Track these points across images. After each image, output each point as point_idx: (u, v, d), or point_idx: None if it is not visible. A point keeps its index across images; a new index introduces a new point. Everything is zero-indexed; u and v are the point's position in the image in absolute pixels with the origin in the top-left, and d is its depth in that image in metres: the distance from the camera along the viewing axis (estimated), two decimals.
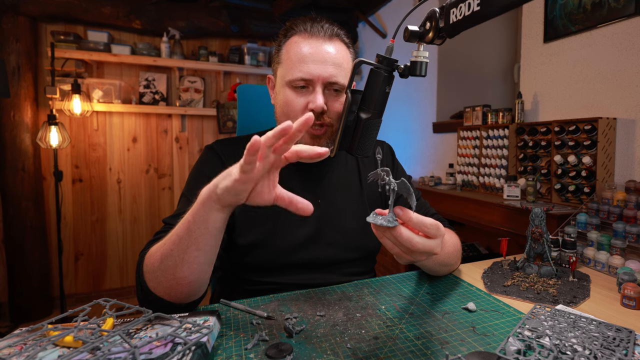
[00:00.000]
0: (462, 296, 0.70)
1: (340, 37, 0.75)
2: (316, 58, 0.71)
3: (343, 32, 0.76)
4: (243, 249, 0.75)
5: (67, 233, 2.52)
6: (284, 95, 0.74)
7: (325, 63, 0.71)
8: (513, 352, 0.46)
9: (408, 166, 2.55)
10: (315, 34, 0.73)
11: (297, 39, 0.73)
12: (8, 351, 0.45)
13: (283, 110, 0.75)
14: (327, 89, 0.73)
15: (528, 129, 1.54)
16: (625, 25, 1.27)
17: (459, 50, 2.29)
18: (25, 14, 2.23)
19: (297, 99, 0.72)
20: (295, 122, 0.45)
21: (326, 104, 0.72)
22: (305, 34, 0.73)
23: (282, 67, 0.75)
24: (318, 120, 0.72)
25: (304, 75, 0.71)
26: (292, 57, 0.72)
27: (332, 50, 0.72)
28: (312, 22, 0.74)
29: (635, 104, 1.25)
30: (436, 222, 0.51)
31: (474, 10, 0.48)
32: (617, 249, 0.87)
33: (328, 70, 0.71)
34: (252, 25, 2.81)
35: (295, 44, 0.73)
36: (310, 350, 0.51)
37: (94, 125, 2.57)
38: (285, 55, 0.74)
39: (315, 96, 0.71)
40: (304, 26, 0.74)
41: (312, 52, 0.71)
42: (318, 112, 0.71)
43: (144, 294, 0.59)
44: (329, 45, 0.73)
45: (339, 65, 0.72)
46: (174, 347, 0.45)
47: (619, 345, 0.50)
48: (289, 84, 0.73)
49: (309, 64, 0.71)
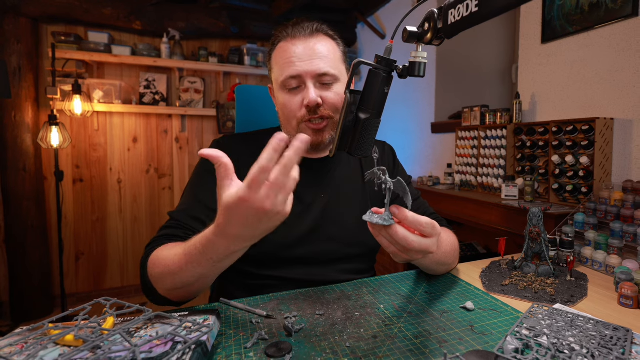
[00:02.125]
0: (461, 295, 0.70)
1: (322, 31, 0.78)
2: (301, 56, 0.74)
3: (325, 26, 0.79)
4: None
5: (67, 233, 2.53)
6: (281, 99, 0.77)
7: (311, 58, 0.74)
8: (511, 350, 0.47)
9: (407, 166, 2.55)
10: (297, 35, 0.76)
11: (282, 44, 0.77)
12: (9, 350, 0.45)
13: (283, 113, 0.78)
14: (318, 82, 0.75)
15: (526, 129, 1.54)
16: (623, 26, 1.27)
17: (457, 51, 2.29)
18: (26, 15, 2.24)
19: (292, 99, 0.75)
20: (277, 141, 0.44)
21: (320, 97, 0.74)
22: (288, 38, 0.76)
23: (274, 73, 0.79)
24: (316, 114, 0.74)
25: (292, 73, 0.73)
26: (280, 61, 0.76)
27: (316, 45, 0.75)
28: (293, 25, 0.77)
29: (632, 104, 1.25)
30: (432, 221, 0.51)
31: (472, 11, 0.48)
32: (615, 249, 0.87)
33: (315, 64, 0.73)
34: (252, 26, 2.82)
35: (281, 49, 0.77)
36: (310, 349, 0.52)
37: (94, 126, 2.58)
38: (274, 62, 0.78)
39: (307, 92, 0.73)
40: (286, 31, 0.77)
41: (297, 51, 0.74)
42: (313, 107, 0.73)
43: (148, 289, 0.63)
44: (312, 42, 0.75)
45: (324, 57, 0.74)
46: (174, 346, 0.46)
47: (616, 344, 0.50)
48: (282, 86, 0.76)
49: (296, 62, 0.74)
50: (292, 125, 0.77)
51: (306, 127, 0.76)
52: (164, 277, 0.59)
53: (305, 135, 0.45)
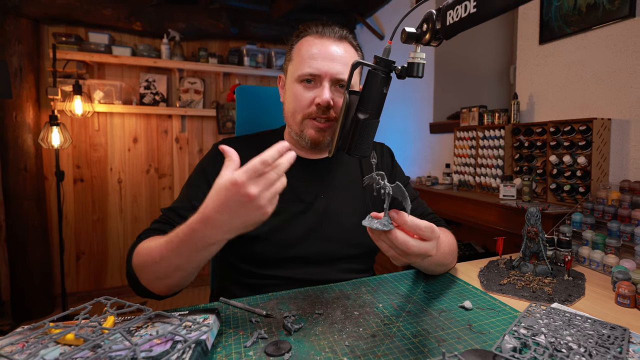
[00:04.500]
0: (459, 294, 0.71)
1: (348, 39, 0.80)
2: (325, 56, 0.75)
3: (352, 36, 0.82)
4: (244, 240, 0.76)
5: (68, 232, 2.53)
6: (294, 90, 0.78)
7: (333, 61, 0.75)
8: (509, 349, 0.47)
9: (405, 166, 2.56)
10: (327, 35, 0.77)
11: (309, 39, 0.78)
12: (10, 349, 0.45)
13: (292, 105, 0.79)
14: (334, 85, 0.76)
15: (524, 129, 1.55)
16: (620, 27, 1.27)
17: (455, 52, 2.30)
18: (27, 16, 2.24)
19: (306, 93, 0.77)
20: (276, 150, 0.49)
21: (332, 99, 0.75)
22: (316, 35, 0.78)
23: (293, 64, 0.80)
24: (324, 114, 0.76)
25: (312, 71, 0.75)
26: (303, 55, 0.77)
27: (341, 50, 0.77)
28: (323, 25, 0.79)
29: (629, 104, 1.26)
30: (430, 225, 0.52)
31: (471, 12, 0.48)
32: (612, 248, 0.88)
33: (336, 67, 0.75)
34: (252, 27, 2.82)
35: (306, 42, 0.78)
36: (309, 347, 0.52)
37: (95, 126, 2.58)
38: (296, 53, 0.79)
39: (322, 91, 0.75)
40: (316, 28, 0.79)
41: (322, 50, 0.76)
42: (324, 106, 0.75)
43: (131, 278, 0.65)
44: (337, 46, 0.77)
45: (346, 64, 0.76)
46: (174, 345, 0.46)
47: (613, 343, 0.50)
48: (298, 79, 0.77)
49: (318, 60, 0.75)
50: (297, 119, 0.78)
51: (310, 123, 0.77)
52: (145, 267, 0.61)
53: (294, 154, 0.50)
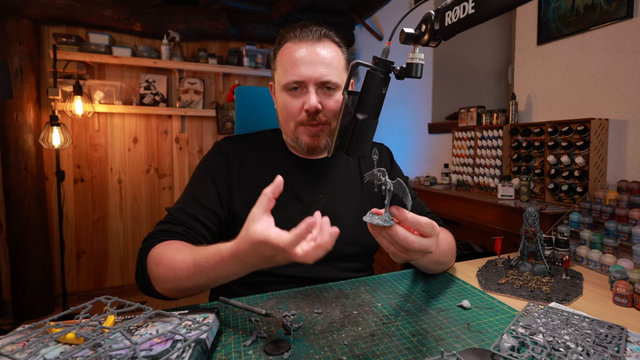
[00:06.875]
0: (457, 294, 0.71)
1: (329, 37, 0.79)
2: (307, 61, 0.74)
3: (333, 32, 0.80)
4: None
5: (69, 232, 2.54)
6: (282, 99, 0.79)
7: (315, 64, 0.74)
8: (507, 348, 0.47)
9: (404, 166, 2.56)
10: (305, 38, 0.76)
11: (288, 45, 0.77)
12: (11, 348, 0.45)
13: (283, 113, 0.80)
14: (320, 88, 0.76)
15: (522, 129, 1.55)
16: (617, 28, 1.28)
17: (454, 52, 2.30)
18: (27, 17, 2.24)
19: (293, 101, 0.77)
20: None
21: (320, 102, 0.75)
22: (295, 40, 0.77)
23: (278, 73, 0.80)
24: (314, 120, 0.76)
25: (296, 78, 0.75)
26: (285, 63, 0.77)
27: (322, 51, 0.76)
28: (301, 28, 0.78)
29: (626, 105, 1.26)
30: (431, 221, 0.52)
31: (469, 12, 0.49)
32: (609, 248, 0.88)
33: (319, 70, 0.74)
34: (251, 27, 2.82)
35: (286, 50, 0.77)
36: (308, 346, 0.52)
37: (95, 126, 2.58)
38: (279, 62, 0.79)
39: (308, 97, 0.74)
40: (294, 32, 0.77)
41: (303, 55, 0.75)
42: (313, 112, 0.75)
43: (144, 282, 0.65)
44: (318, 47, 0.76)
45: (329, 65, 0.76)
46: (173, 344, 0.46)
47: (611, 342, 0.51)
48: (284, 88, 0.77)
49: (300, 67, 0.74)
50: (290, 127, 0.79)
51: (303, 129, 0.78)
52: (167, 280, 0.61)
53: (337, 229, 0.47)
